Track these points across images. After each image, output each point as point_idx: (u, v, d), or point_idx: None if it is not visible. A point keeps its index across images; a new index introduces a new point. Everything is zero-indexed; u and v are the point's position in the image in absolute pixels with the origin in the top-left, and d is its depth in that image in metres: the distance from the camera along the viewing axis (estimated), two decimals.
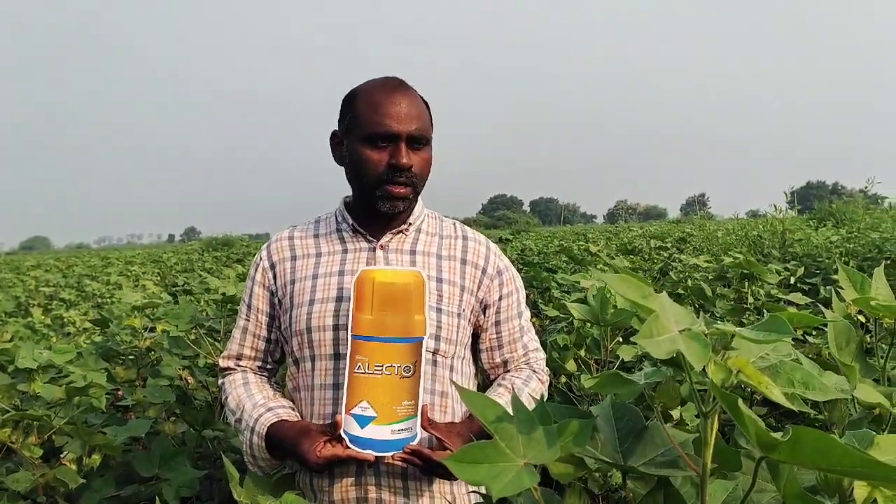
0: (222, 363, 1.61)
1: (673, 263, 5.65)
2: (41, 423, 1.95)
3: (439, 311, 1.46)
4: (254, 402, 1.47)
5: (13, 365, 2.11)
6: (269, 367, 1.61)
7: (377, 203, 1.44)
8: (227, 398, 1.54)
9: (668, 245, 9.08)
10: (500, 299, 1.55)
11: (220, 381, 1.61)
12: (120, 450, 1.99)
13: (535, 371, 1.59)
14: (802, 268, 4.03)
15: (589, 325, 2.22)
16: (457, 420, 1.46)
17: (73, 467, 1.92)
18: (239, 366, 1.59)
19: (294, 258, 1.53)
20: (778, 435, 0.51)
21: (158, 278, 11.11)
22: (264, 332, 1.56)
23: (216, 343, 2.60)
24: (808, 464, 0.50)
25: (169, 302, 4.43)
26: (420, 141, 1.44)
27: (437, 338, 1.44)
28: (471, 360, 1.59)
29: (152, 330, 2.96)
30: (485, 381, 1.65)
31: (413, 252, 1.51)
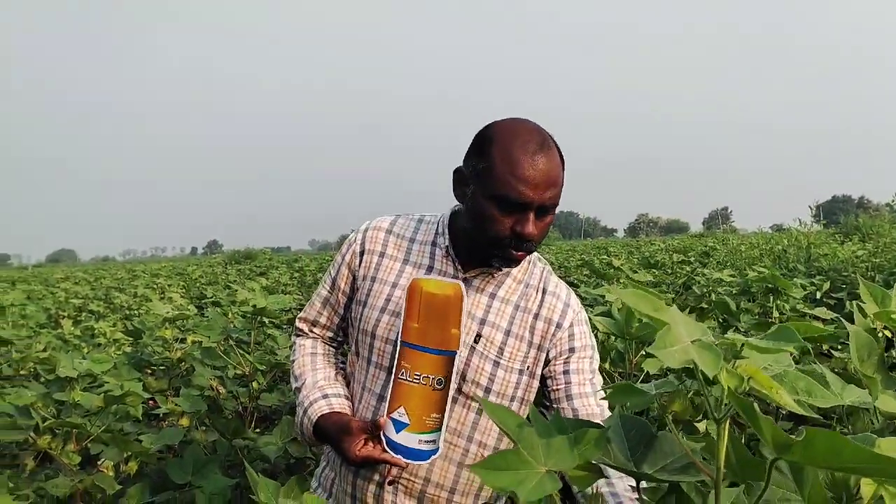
0: (298, 323, 1.65)
1: (696, 278, 5.64)
2: (80, 430, 2.01)
3: (496, 364, 1.43)
4: (315, 379, 1.53)
5: (54, 374, 2.18)
6: (339, 339, 1.65)
7: (490, 258, 1.39)
8: (293, 360, 1.61)
9: (691, 259, 9.05)
10: (570, 350, 1.48)
11: (292, 339, 1.68)
12: (155, 457, 2.06)
13: None
14: (828, 282, 4.00)
15: (613, 338, 2.24)
16: None
17: (111, 474, 1.98)
18: (313, 331, 1.63)
19: (383, 255, 1.52)
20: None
21: (184, 290, 11.26)
22: (341, 310, 1.59)
23: (246, 355, 2.65)
24: (820, 463, 0.53)
25: (196, 314, 4.52)
26: (549, 209, 1.36)
27: (488, 390, 1.43)
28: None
29: (182, 341, 3.04)
30: None
31: (493, 296, 1.47)
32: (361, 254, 1.53)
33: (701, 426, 1.91)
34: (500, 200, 1.31)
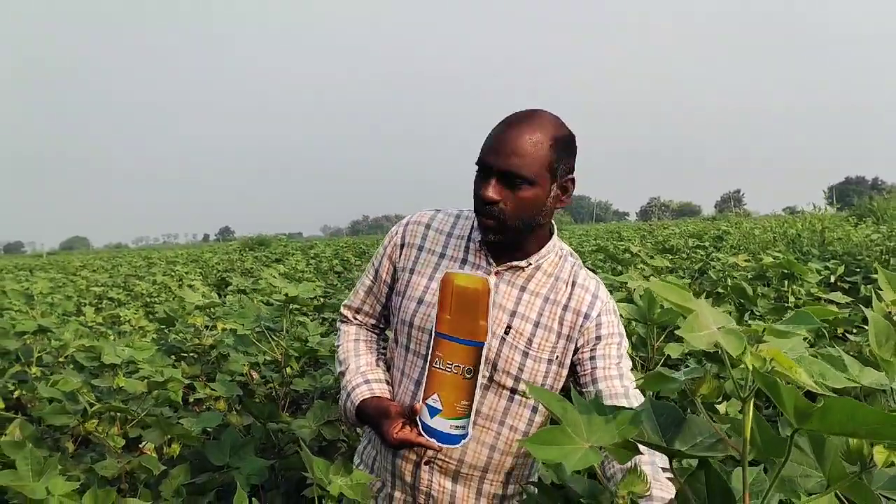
0: (343, 310, 1.75)
1: (711, 262, 5.69)
2: (124, 414, 2.11)
3: (526, 354, 1.49)
4: (357, 364, 1.63)
5: (98, 361, 2.27)
6: (381, 325, 1.75)
7: (479, 227, 1.49)
8: (338, 345, 1.71)
9: (706, 244, 9.08)
10: (597, 339, 1.52)
11: (337, 324, 1.78)
12: (196, 439, 2.15)
13: None
14: (842, 266, 4.04)
15: (635, 323, 2.32)
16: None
17: (155, 456, 2.08)
18: (356, 318, 1.73)
19: (421, 248, 1.59)
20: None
21: (202, 278, 11.38)
22: (383, 299, 1.67)
23: (280, 342, 2.74)
24: (837, 429, 0.60)
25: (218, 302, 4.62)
26: (514, 178, 1.39)
27: (517, 378, 1.49)
28: None
29: (211, 328, 3.14)
30: None
31: (523, 289, 1.52)
32: (402, 247, 1.61)
33: (721, 408, 1.99)
34: (478, 166, 1.44)
